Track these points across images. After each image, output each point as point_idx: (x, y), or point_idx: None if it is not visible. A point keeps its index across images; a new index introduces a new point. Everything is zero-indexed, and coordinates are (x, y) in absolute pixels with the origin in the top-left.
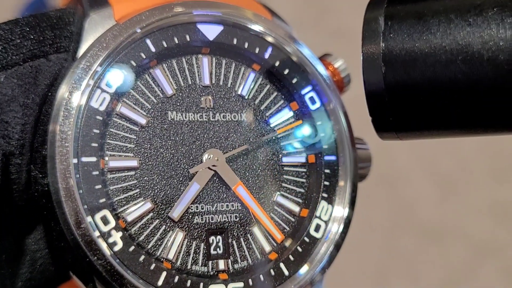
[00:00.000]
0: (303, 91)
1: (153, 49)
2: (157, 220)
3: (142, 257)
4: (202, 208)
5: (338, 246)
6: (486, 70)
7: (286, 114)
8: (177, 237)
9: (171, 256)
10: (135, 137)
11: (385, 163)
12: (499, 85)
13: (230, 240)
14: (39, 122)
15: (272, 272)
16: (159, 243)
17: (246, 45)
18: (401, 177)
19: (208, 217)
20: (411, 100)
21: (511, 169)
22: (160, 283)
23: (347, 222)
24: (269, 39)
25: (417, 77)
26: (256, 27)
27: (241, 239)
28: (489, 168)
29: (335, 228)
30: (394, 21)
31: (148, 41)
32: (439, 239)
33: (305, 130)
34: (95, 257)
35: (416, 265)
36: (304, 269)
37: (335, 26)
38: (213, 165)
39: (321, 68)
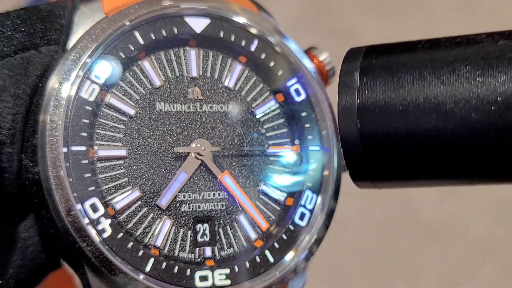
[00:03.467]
0: (289, 83)
1: (141, 42)
2: (145, 208)
3: (131, 243)
4: (189, 197)
5: (322, 234)
6: (458, 128)
7: (272, 105)
8: (165, 225)
9: (158, 243)
10: (123, 127)
11: None
12: (471, 142)
13: (216, 228)
14: (30, 113)
15: (258, 259)
16: (147, 230)
17: (232, 37)
18: None
19: (195, 206)
20: (385, 153)
21: None
22: (148, 269)
23: (331, 212)
24: (255, 31)
25: (391, 131)
26: (242, 20)
27: (227, 227)
28: None
29: (320, 217)
30: (368, 77)
31: (137, 34)
32: (440, 239)
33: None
34: (85, 243)
35: (416, 264)
36: (289, 256)
37: (335, 25)
38: (200, 155)
39: (306, 61)
